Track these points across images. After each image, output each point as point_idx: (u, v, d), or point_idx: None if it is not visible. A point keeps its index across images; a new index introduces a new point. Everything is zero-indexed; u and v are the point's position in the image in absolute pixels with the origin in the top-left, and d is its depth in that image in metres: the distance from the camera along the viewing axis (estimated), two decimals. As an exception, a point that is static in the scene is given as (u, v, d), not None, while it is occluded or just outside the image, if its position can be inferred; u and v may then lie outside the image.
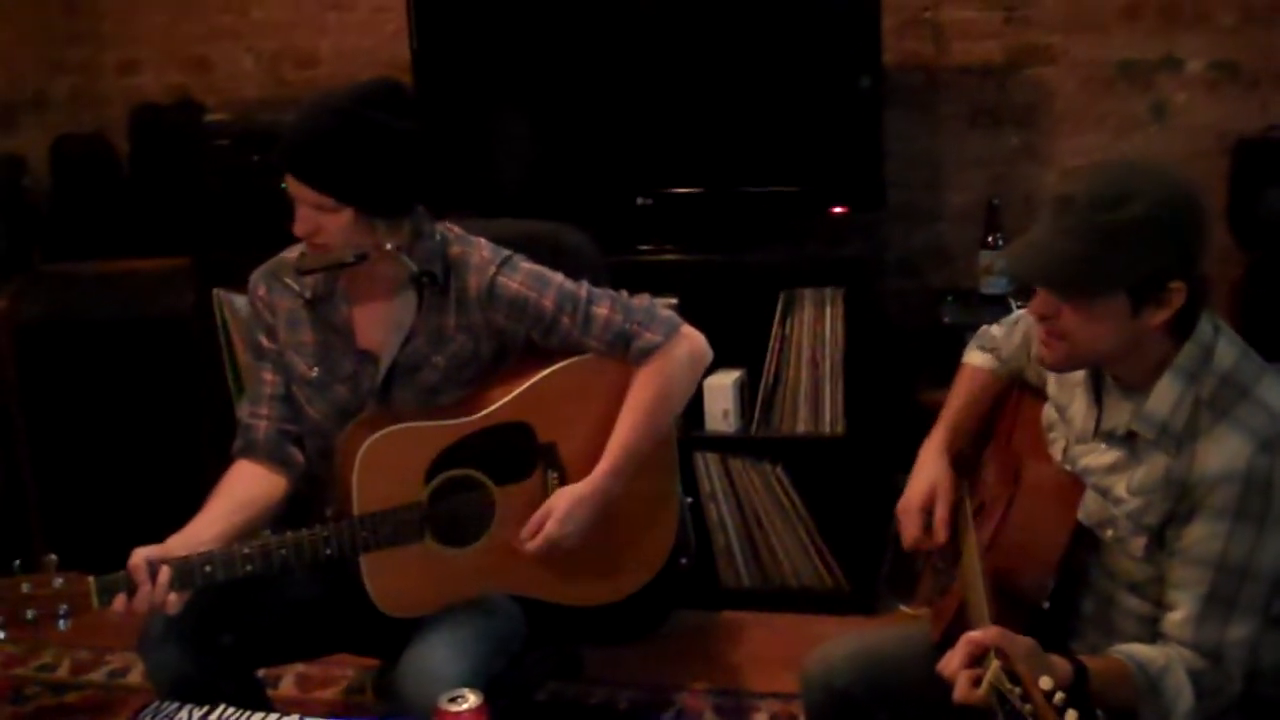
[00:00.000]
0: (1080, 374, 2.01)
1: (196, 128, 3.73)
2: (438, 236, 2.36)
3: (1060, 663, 1.74)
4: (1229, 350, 1.86)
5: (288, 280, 2.39)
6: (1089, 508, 1.96)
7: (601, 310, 2.37)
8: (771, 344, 3.44)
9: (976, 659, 1.71)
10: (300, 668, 3.29)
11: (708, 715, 3.09)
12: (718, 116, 3.49)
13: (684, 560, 2.61)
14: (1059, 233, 1.81)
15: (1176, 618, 1.84)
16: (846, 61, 3.38)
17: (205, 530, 2.23)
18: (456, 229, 2.41)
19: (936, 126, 3.75)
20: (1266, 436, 1.79)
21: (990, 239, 3.52)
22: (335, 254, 2.26)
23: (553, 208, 3.29)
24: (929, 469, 2.20)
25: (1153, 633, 1.89)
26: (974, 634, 1.73)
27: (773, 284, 3.42)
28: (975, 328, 2.35)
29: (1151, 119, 3.63)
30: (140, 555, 2.11)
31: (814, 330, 3.40)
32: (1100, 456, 1.95)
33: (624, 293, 2.44)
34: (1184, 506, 1.84)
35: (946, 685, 1.73)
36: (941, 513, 2.15)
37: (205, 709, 2.14)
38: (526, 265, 2.38)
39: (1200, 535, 1.82)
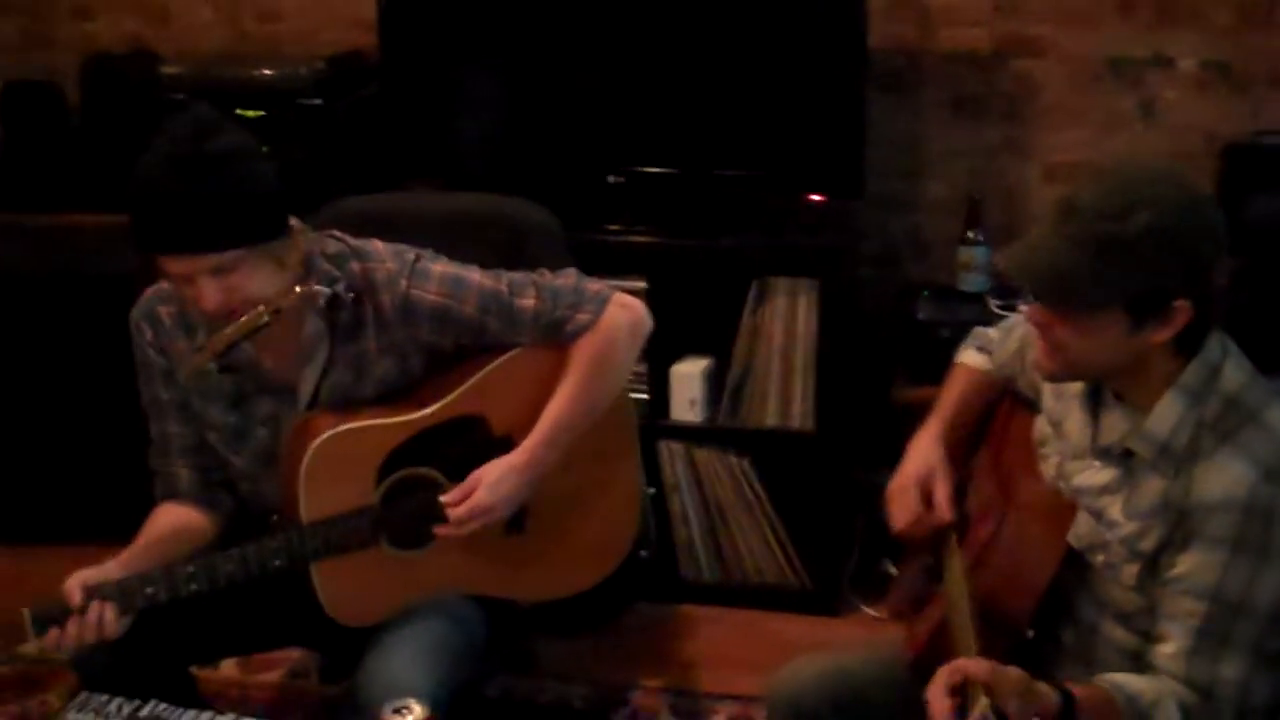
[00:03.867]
0: (1078, 386, 1.92)
1: (151, 79, 3.58)
2: (331, 250, 2.20)
3: (1048, 692, 1.65)
4: (1237, 372, 1.78)
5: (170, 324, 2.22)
6: (1080, 530, 1.87)
7: (527, 303, 2.24)
8: (742, 333, 3.34)
9: (959, 688, 1.62)
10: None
11: (663, 715, 3.00)
12: (695, 94, 3.37)
13: (644, 552, 2.53)
14: (1059, 239, 1.72)
15: (1167, 650, 1.76)
16: (829, 43, 3.27)
17: (140, 563, 2.09)
18: (345, 236, 2.26)
19: (919, 114, 3.65)
20: (1272, 464, 1.71)
21: (969, 234, 3.42)
22: (248, 320, 2.06)
23: (520, 181, 3.20)
24: (924, 453, 2.09)
25: (1135, 667, 1.81)
26: (965, 664, 1.65)
27: (745, 271, 3.31)
28: (951, 325, 2.27)
29: (1139, 117, 3.54)
30: (76, 581, 1.99)
31: (786, 320, 3.30)
32: (1095, 475, 1.87)
33: (545, 273, 2.31)
34: (1180, 533, 1.75)
35: (920, 713, 1.65)
36: (944, 491, 2.04)
37: (136, 703, 2.03)
38: (438, 268, 2.23)
39: (1195, 565, 1.73)
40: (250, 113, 3.45)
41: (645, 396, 3.37)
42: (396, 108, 3.51)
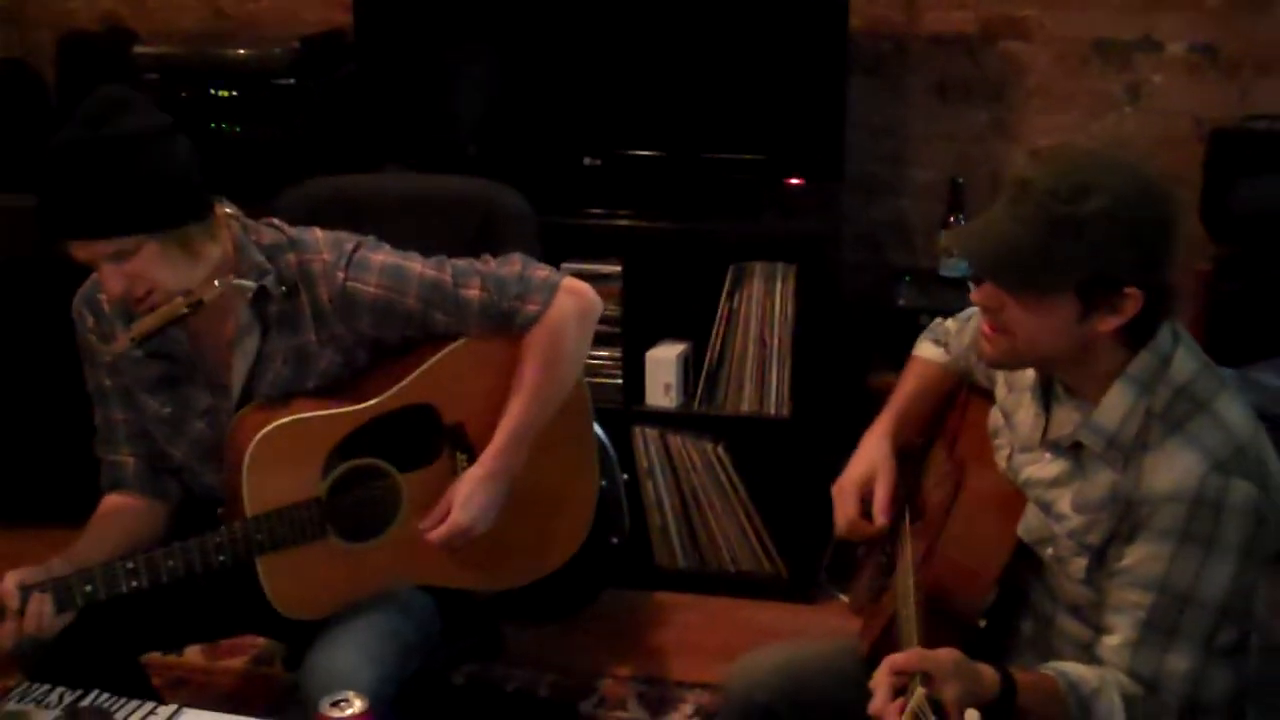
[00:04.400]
0: (1029, 378, 1.88)
1: (126, 58, 3.53)
2: (266, 240, 2.15)
3: (987, 673, 1.63)
4: (1188, 362, 1.73)
5: (110, 310, 2.17)
6: (1030, 523, 1.83)
7: (473, 293, 2.19)
8: (719, 318, 3.30)
9: (901, 689, 1.59)
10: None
11: (630, 704, 2.97)
12: (673, 76, 3.32)
13: (615, 539, 2.51)
14: (1012, 219, 1.68)
15: (1113, 642, 1.72)
16: (811, 24, 3.21)
17: (87, 556, 2.05)
18: (284, 225, 2.20)
19: (903, 97, 3.60)
20: (1221, 455, 1.67)
21: (952, 218, 3.37)
22: (166, 310, 2.03)
23: (495, 163, 3.17)
24: (869, 452, 2.06)
25: (1089, 659, 1.77)
26: (896, 658, 1.61)
27: (723, 255, 3.27)
28: (932, 312, 2.22)
29: (1126, 100, 3.49)
30: (11, 580, 1.95)
31: (763, 305, 3.26)
32: (1044, 468, 1.83)
33: (489, 259, 2.25)
34: (1127, 525, 1.71)
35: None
36: (881, 495, 2.01)
37: (78, 692, 2.01)
38: (379, 258, 2.18)
39: (1141, 556, 1.69)
40: (224, 92, 3.42)
41: (619, 381, 3.34)
42: (372, 88, 3.46)
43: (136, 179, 1.94)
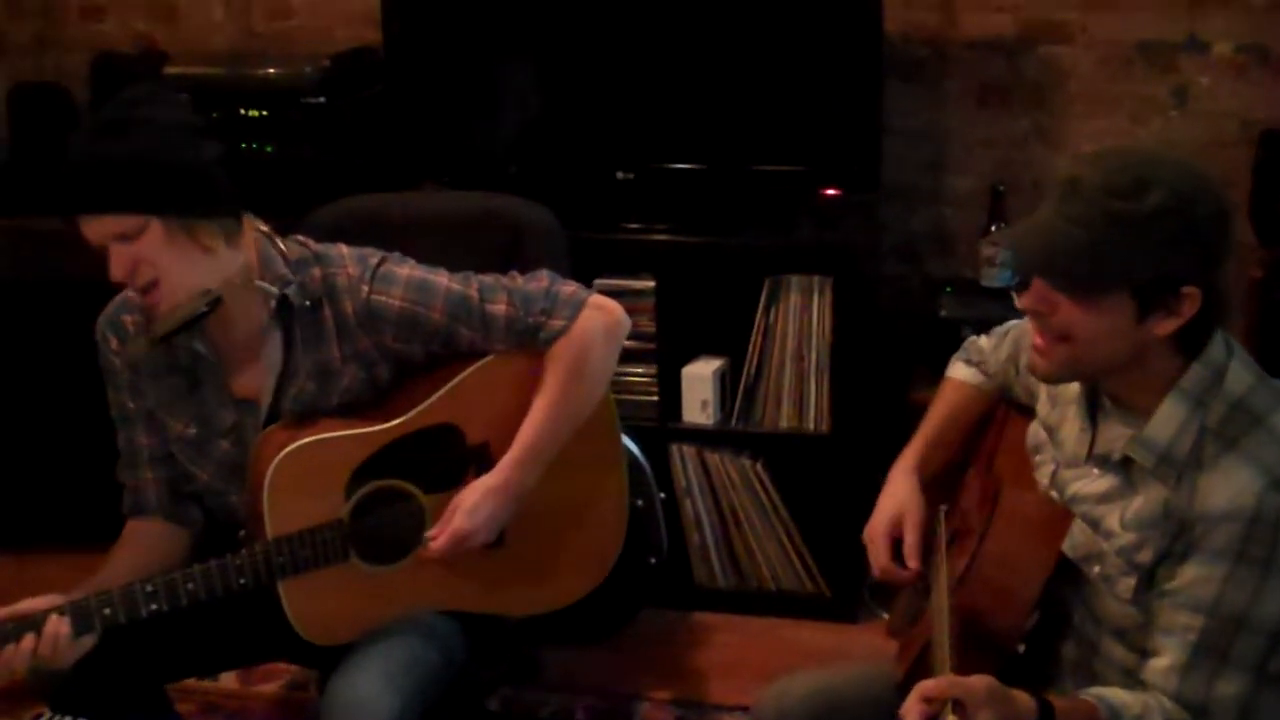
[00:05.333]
0: (1074, 390, 1.82)
1: (157, 80, 3.53)
2: (293, 254, 2.14)
3: (1023, 699, 1.58)
4: (1243, 374, 1.67)
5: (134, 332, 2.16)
6: (1075, 540, 1.77)
7: (499, 308, 2.16)
8: (755, 333, 3.24)
9: (932, 717, 1.54)
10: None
11: (668, 728, 2.92)
12: (704, 87, 3.27)
13: (653, 559, 2.45)
14: (1064, 219, 1.63)
15: (1161, 665, 1.66)
16: (845, 30, 3.16)
17: (108, 584, 2.01)
18: (309, 242, 2.19)
19: (941, 104, 3.53)
20: (1279, 472, 1.60)
21: (994, 227, 3.30)
22: (185, 308, 2.02)
23: (527, 179, 3.13)
24: (896, 491, 2.01)
25: (1134, 685, 1.70)
26: (926, 685, 1.57)
27: (758, 269, 3.21)
28: (974, 322, 2.17)
29: (1172, 104, 3.41)
30: (36, 602, 1.93)
31: (800, 319, 3.20)
32: (1092, 483, 1.77)
33: (516, 276, 2.22)
34: (1180, 544, 1.65)
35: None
36: (911, 539, 1.95)
37: (100, 724, 1.98)
38: (404, 272, 2.15)
39: (1195, 577, 1.63)
40: (255, 112, 3.41)
41: (655, 399, 3.29)
42: (403, 106, 3.44)
43: (149, 159, 1.95)
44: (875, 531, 1.99)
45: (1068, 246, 1.62)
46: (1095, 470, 1.77)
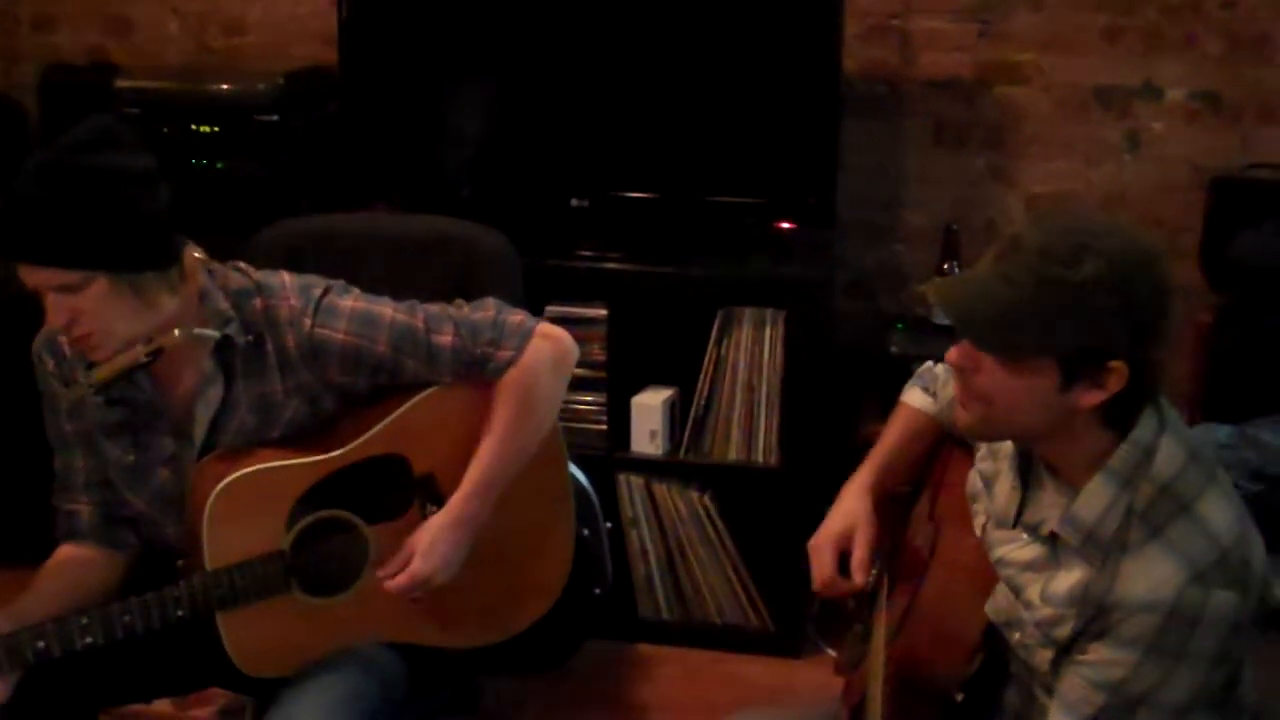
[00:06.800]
0: (1009, 448, 1.79)
1: (108, 93, 3.48)
2: (233, 285, 2.08)
3: None
4: (1173, 454, 1.62)
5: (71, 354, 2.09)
6: (998, 604, 1.75)
7: (445, 339, 2.11)
8: (706, 364, 3.23)
9: None
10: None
11: (611, 763, 2.89)
12: (662, 116, 3.26)
13: (598, 589, 2.43)
14: (999, 277, 1.59)
15: None
16: (804, 66, 3.16)
17: (35, 609, 1.97)
18: (250, 269, 2.13)
19: (898, 142, 3.54)
20: (1202, 565, 1.57)
21: (946, 265, 3.31)
22: (126, 357, 1.96)
23: (481, 204, 3.11)
24: (848, 508, 1.97)
25: None
26: None
27: (711, 300, 3.20)
28: (925, 359, 2.14)
29: (1126, 148, 3.45)
30: None
31: (752, 352, 3.19)
32: (1019, 550, 1.74)
33: (462, 304, 2.19)
34: (1096, 625, 1.62)
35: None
36: (860, 553, 1.91)
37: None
38: (348, 304, 2.10)
39: (1105, 658, 1.61)
40: (205, 128, 3.37)
41: (604, 427, 3.27)
42: (358, 126, 3.41)
43: (100, 214, 1.87)
44: (822, 542, 1.94)
45: (995, 306, 1.58)
46: (1023, 536, 1.74)
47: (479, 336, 2.13)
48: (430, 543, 2.09)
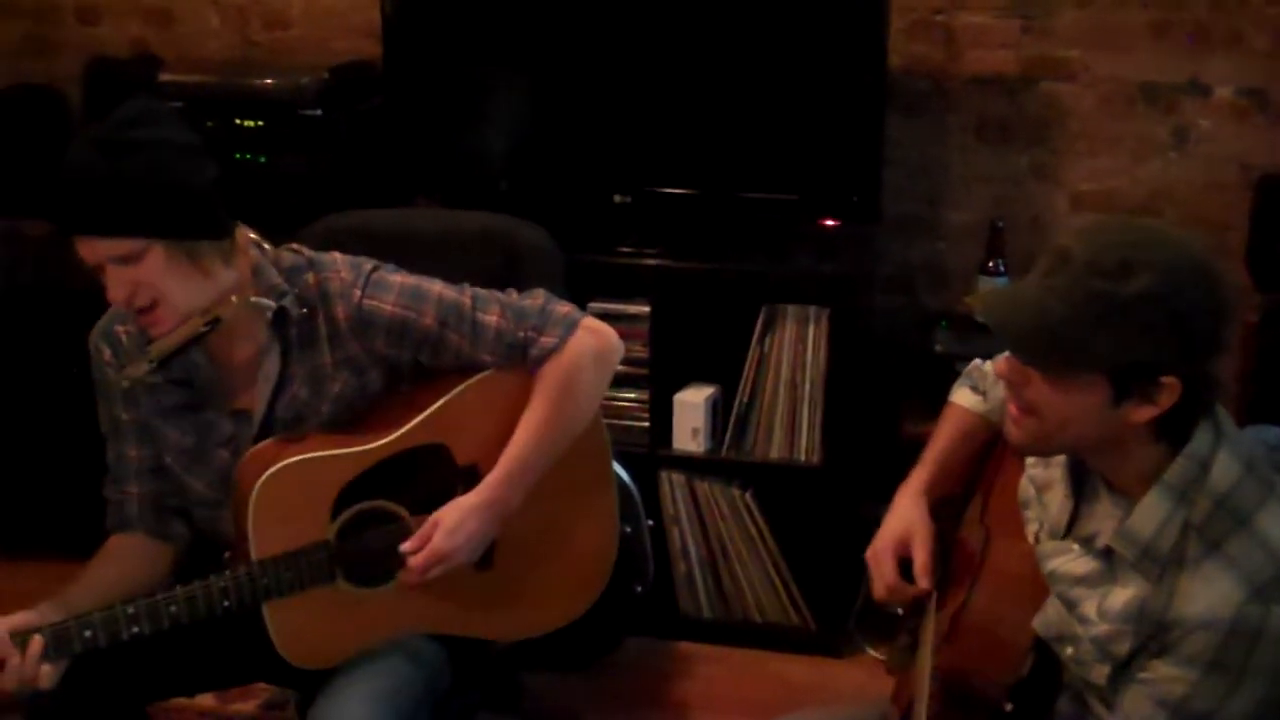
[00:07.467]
0: (1061, 456, 1.76)
1: (152, 86, 3.48)
2: (286, 263, 2.12)
3: None
4: (1229, 467, 1.60)
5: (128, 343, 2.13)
6: (1049, 618, 1.72)
7: (490, 318, 2.13)
8: (749, 361, 3.21)
9: None
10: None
11: (651, 760, 2.88)
12: (706, 112, 3.24)
13: (639, 587, 2.42)
14: (1046, 290, 1.57)
15: None
16: (849, 62, 3.14)
17: (83, 599, 1.98)
18: (303, 249, 2.17)
19: (942, 138, 3.52)
20: (1261, 581, 1.55)
21: (991, 263, 3.29)
22: (185, 329, 2.00)
23: (523, 199, 3.10)
24: (904, 512, 1.95)
25: None
26: None
27: (754, 297, 3.18)
28: (969, 358, 2.12)
29: (1172, 145, 3.40)
30: (3, 626, 1.88)
31: (795, 349, 3.18)
32: (1072, 563, 1.71)
33: (512, 292, 2.20)
34: (1155, 643, 1.60)
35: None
36: (922, 558, 1.89)
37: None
38: (397, 279, 2.13)
39: (1166, 675, 1.59)
40: (249, 122, 3.37)
41: (646, 424, 3.26)
42: (401, 121, 3.41)
43: (152, 183, 1.92)
44: (881, 548, 1.93)
45: (1042, 321, 1.56)
46: (1076, 548, 1.72)
47: (524, 321, 2.14)
48: (457, 521, 2.09)
